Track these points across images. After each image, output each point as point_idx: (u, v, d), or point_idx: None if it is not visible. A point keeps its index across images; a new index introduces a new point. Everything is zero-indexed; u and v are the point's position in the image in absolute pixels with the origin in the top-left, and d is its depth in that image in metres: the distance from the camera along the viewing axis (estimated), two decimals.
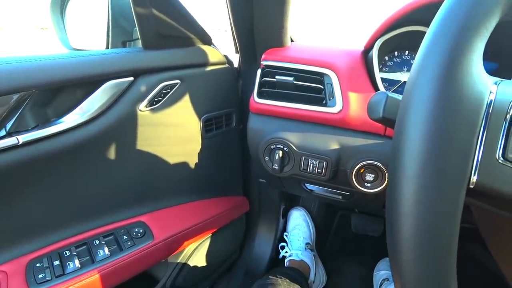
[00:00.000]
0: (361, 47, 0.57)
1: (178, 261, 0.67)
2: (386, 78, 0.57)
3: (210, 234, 0.71)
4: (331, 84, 0.53)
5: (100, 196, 0.56)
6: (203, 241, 0.71)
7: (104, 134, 0.52)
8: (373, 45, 0.52)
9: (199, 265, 0.71)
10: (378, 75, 0.51)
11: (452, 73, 0.20)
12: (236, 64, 0.73)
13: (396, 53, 0.57)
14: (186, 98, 0.61)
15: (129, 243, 0.56)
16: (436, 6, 0.25)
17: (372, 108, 0.35)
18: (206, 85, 0.63)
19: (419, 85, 0.22)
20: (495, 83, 0.22)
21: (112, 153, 0.55)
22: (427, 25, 0.27)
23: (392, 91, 0.57)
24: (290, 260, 0.84)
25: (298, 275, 0.73)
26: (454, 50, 0.20)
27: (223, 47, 0.69)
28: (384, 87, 0.57)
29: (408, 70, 0.56)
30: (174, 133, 0.61)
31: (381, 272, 0.87)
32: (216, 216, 0.70)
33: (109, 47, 0.62)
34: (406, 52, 0.56)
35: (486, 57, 0.56)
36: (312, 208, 0.97)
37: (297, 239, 0.88)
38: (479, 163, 0.20)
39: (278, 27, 0.58)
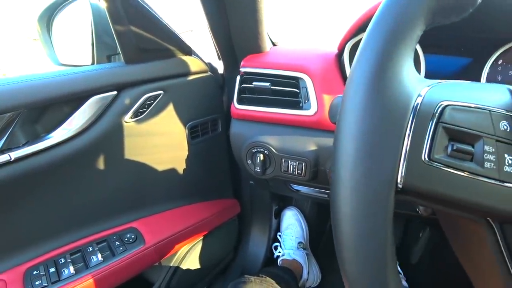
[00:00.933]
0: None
1: (171, 264, 0.70)
2: None
3: (202, 237, 0.75)
4: (306, 88, 0.56)
5: (92, 205, 0.60)
6: (195, 243, 0.74)
7: (92, 146, 0.56)
8: (344, 48, 0.55)
9: (193, 267, 0.74)
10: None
11: (380, 79, 0.22)
12: (221, 71, 0.76)
13: None
14: (170, 107, 0.64)
15: (121, 248, 0.59)
16: None
17: (332, 111, 0.38)
18: (189, 94, 0.67)
19: (350, 90, 0.23)
20: (430, 86, 0.24)
21: (101, 164, 0.59)
22: None
23: None
24: (282, 259, 0.87)
25: (286, 274, 0.76)
26: (381, 57, 0.22)
27: (205, 54, 0.72)
28: None
29: None
30: (160, 141, 0.65)
31: None
32: (206, 219, 0.73)
33: (95, 61, 0.66)
34: None
35: (459, 52, 0.58)
36: (305, 207, 1.00)
37: (290, 239, 0.91)
38: (406, 164, 0.22)
39: (254, 34, 0.61)
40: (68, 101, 0.53)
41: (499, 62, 0.58)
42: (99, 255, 0.57)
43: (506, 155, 0.21)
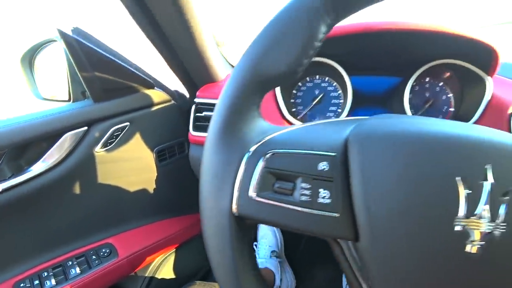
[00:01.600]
0: None
1: (146, 274, 0.80)
2: (299, 102, 0.68)
3: (174, 249, 0.84)
4: None
5: (71, 225, 0.71)
6: (168, 255, 0.83)
7: (68, 175, 0.66)
8: None
9: (168, 276, 0.83)
10: (282, 104, 0.63)
11: (224, 133, 0.28)
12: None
13: (308, 79, 0.67)
14: (137, 135, 0.74)
15: (97, 261, 0.69)
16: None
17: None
18: (154, 122, 0.76)
19: (206, 140, 0.29)
20: (262, 138, 0.29)
21: (77, 190, 0.69)
22: (321, 55, 0.33)
23: (306, 112, 0.67)
24: None
25: None
26: (226, 117, 0.28)
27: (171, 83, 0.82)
28: (299, 109, 0.68)
29: (320, 93, 0.66)
30: (130, 166, 0.75)
31: None
32: (177, 233, 0.83)
33: (71, 97, 0.76)
34: (317, 77, 0.67)
35: (389, 72, 0.65)
36: None
37: (264, 248, 0.99)
38: (239, 199, 0.27)
39: (204, 67, 0.70)
40: (46, 138, 0.64)
41: (426, 80, 0.65)
42: (78, 268, 0.67)
43: (320, 190, 0.28)
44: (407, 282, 0.25)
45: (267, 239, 1.01)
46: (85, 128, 0.67)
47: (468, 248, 0.22)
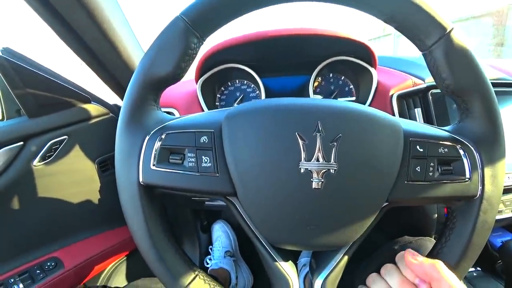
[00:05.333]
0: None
1: (98, 284, 0.84)
2: (223, 104, 0.80)
3: (125, 257, 0.90)
4: None
5: (13, 242, 0.75)
6: (120, 263, 0.89)
7: (6, 190, 0.71)
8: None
9: (121, 284, 0.88)
10: (205, 107, 0.74)
11: (128, 123, 0.37)
12: None
13: (229, 83, 0.80)
14: (77, 148, 0.81)
15: (41, 275, 0.74)
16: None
17: None
18: (93, 135, 0.84)
19: (117, 126, 0.39)
20: (162, 124, 0.39)
21: (16, 204, 0.74)
22: (234, 62, 0.43)
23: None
24: (210, 269, 1.02)
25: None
26: (128, 109, 0.37)
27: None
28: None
29: (240, 95, 0.79)
30: (72, 178, 0.81)
31: (302, 259, 1.06)
32: (125, 241, 0.89)
33: (5, 115, 0.82)
34: (237, 81, 0.80)
35: (296, 72, 0.80)
36: (234, 219, 1.17)
37: (218, 249, 1.07)
38: (143, 170, 0.36)
39: (128, 68, 0.80)
40: None
41: (330, 75, 0.80)
42: (21, 285, 0.71)
43: (203, 157, 0.39)
44: (276, 220, 0.36)
45: (220, 241, 1.09)
46: (21, 143, 0.73)
47: (314, 185, 0.34)
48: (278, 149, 0.34)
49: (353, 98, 0.79)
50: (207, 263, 1.07)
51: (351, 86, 0.80)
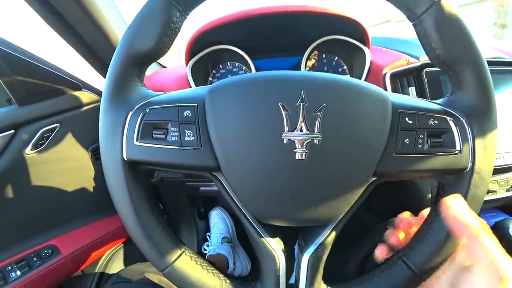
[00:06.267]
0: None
1: (96, 271, 0.86)
2: None
3: (122, 244, 0.91)
4: None
5: (8, 231, 0.75)
6: (117, 249, 0.90)
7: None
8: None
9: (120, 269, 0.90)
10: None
11: (111, 98, 0.37)
12: None
13: (221, 66, 0.80)
14: (69, 136, 0.81)
15: (38, 262, 0.75)
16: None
17: None
18: (86, 122, 0.84)
19: (101, 102, 0.38)
20: (146, 100, 0.38)
21: (10, 193, 0.74)
22: (224, 43, 0.41)
23: None
24: (208, 255, 1.03)
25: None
26: (110, 83, 0.37)
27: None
28: None
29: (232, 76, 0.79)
30: (65, 166, 0.82)
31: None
32: (122, 227, 0.89)
33: None
34: (229, 64, 0.79)
35: (288, 53, 0.79)
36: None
37: (215, 236, 1.08)
38: (126, 146, 0.36)
39: (112, 46, 0.79)
40: None
41: (323, 56, 0.80)
42: (18, 272, 0.72)
43: (186, 131, 0.38)
44: (260, 193, 0.35)
45: (218, 227, 1.10)
46: (12, 131, 0.73)
47: (297, 155, 0.33)
48: (260, 120, 0.33)
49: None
50: (205, 250, 1.08)
51: (345, 67, 0.79)
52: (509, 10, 5.70)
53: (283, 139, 0.33)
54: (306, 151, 0.33)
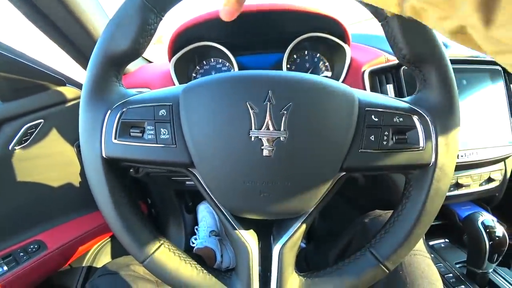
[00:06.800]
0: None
1: (83, 265, 0.87)
2: None
3: (109, 238, 0.92)
4: None
5: None
6: (105, 243, 0.92)
7: None
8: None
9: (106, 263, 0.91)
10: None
11: (90, 98, 0.38)
12: None
13: (204, 62, 0.81)
14: (54, 131, 0.82)
15: (25, 257, 0.76)
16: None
17: None
18: (70, 118, 0.84)
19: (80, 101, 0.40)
20: (128, 96, 0.40)
21: None
22: (207, 40, 0.42)
23: None
24: (196, 249, 1.06)
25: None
26: (89, 83, 0.38)
27: None
28: None
29: (216, 73, 0.80)
30: (51, 161, 0.82)
31: None
32: None
33: None
34: (212, 60, 0.81)
35: (270, 50, 0.80)
36: None
37: (203, 230, 1.10)
38: (105, 145, 0.38)
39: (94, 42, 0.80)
40: None
41: (305, 53, 0.81)
42: (5, 267, 0.74)
43: (161, 129, 0.40)
44: (231, 188, 0.37)
45: (205, 221, 1.12)
46: None
47: (265, 152, 0.35)
48: (230, 119, 0.35)
49: (329, 74, 0.80)
50: (193, 243, 1.10)
51: (326, 63, 0.81)
52: None
53: (251, 136, 0.35)
54: (273, 148, 0.35)
